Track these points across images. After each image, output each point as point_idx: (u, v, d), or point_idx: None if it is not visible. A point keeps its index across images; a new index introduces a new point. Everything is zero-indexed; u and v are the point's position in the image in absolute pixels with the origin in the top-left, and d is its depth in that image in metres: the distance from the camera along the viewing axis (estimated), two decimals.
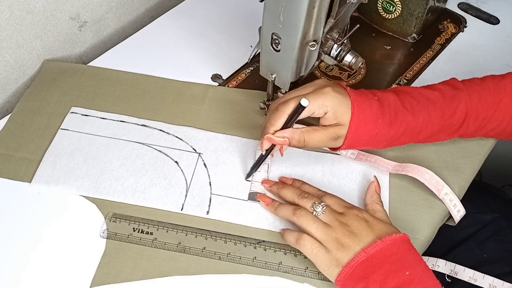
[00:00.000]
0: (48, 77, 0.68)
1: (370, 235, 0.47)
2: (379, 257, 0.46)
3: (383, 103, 0.52)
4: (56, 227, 0.54)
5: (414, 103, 0.53)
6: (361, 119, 0.51)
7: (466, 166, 0.59)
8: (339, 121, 0.51)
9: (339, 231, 0.48)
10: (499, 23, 0.77)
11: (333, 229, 0.48)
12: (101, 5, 0.73)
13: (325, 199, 0.52)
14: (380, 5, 0.73)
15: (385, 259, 0.46)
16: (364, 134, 0.52)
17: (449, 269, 0.57)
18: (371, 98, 0.52)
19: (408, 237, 0.49)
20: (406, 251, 0.47)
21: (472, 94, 0.54)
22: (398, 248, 0.47)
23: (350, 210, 0.50)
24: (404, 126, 0.53)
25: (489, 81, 0.55)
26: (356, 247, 0.47)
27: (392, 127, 0.52)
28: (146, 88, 0.67)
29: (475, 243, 0.71)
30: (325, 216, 0.49)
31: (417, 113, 0.53)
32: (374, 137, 0.52)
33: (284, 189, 0.54)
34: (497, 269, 0.64)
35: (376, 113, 0.51)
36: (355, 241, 0.47)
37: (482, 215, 0.73)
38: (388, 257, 0.46)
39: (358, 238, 0.47)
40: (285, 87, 0.56)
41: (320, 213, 0.49)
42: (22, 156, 0.59)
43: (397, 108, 0.52)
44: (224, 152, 0.60)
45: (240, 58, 0.71)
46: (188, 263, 0.52)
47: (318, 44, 0.50)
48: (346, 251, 0.47)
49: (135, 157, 0.59)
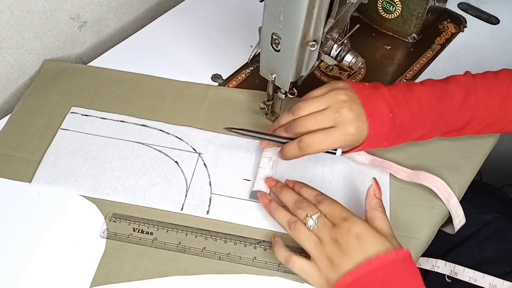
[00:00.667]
0: (48, 77, 0.68)
1: (358, 255, 0.45)
2: (366, 281, 0.44)
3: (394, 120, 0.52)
4: (56, 227, 0.54)
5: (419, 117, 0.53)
6: (375, 139, 0.52)
7: (466, 166, 0.59)
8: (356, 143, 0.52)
9: (330, 248, 0.46)
10: (499, 23, 0.77)
11: (324, 246, 0.46)
12: (101, 5, 0.73)
13: (321, 206, 0.50)
14: (380, 5, 0.73)
15: (373, 284, 0.44)
16: (376, 144, 0.53)
17: (449, 270, 0.57)
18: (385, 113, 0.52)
19: (405, 253, 0.46)
20: (398, 274, 0.44)
21: (480, 99, 0.53)
22: (386, 272, 0.44)
23: (343, 223, 0.47)
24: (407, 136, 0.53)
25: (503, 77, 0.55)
26: (344, 267, 0.45)
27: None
28: (146, 88, 0.67)
29: (475, 243, 0.71)
30: (317, 231, 0.48)
31: (419, 128, 0.53)
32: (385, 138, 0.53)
33: (283, 192, 0.54)
34: (497, 269, 0.64)
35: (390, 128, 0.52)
36: (344, 260, 0.45)
37: (482, 215, 0.73)
38: (376, 282, 0.44)
39: (347, 257, 0.45)
40: (285, 87, 0.56)
41: (312, 227, 0.48)
42: (22, 156, 0.59)
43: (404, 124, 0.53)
44: (224, 152, 0.60)
45: (240, 58, 0.71)
46: (188, 263, 0.52)
47: (318, 44, 0.50)
48: (335, 271, 0.45)
49: (135, 157, 0.59)
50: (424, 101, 0.52)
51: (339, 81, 0.54)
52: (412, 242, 0.54)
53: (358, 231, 0.46)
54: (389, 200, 0.56)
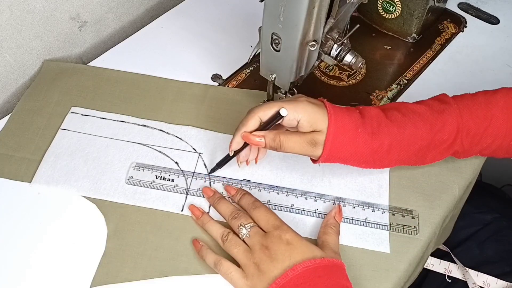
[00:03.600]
0: (48, 77, 0.68)
1: (286, 260, 0.45)
2: (291, 286, 0.44)
3: (364, 114, 0.50)
4: (56, 227, 0.54)
5: (399, 116, 0.50)
6: (339, 126, 0.48)
7: (466, 166, 0.59)
8: (315, 127, 0.49)
9: (258, 255, 0.46)
10: (499, 23, 0.77)
11: (253, 253, 0.47)
12: (101, 5, 0.73)
13: (256, 213, 0.50)
14: (380, 5, 0.73)
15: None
16: (345, 142, 0.49)
17: (444, 268, 0.57)
18: (350, 109, 0.51)
19: (336, 262, 0.46)
20: (321, 277, 0.44)
21: (462, 109, 0.51)
22: (309, 276, 0.44)
23: (275, 231, 0.47)
24: (390, 138, 0.49)
25: (481, 96, 0.52)
26: (271, 274, 0.45)
27: (376, 138, 0.49)
28: (146, 88, 0.67)
29: (475, 243, 0.71)
30: (249, 239, 0.48)
31: (403, 125, 0.50)
32: (357, 147, 0.49)
33: (220, 204, 0.53)
34: (497, 269, 0.64)
35: (355, 121, 0.49)
36: (271, 267, 0.45)
37: (482, 215, 0.74)
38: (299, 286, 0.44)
39: (274, 263, 0.45)
40: (285, 87, 0.56)
41: (246, 235, 0.48)
42: (22, 156, 0.59)
43: (380, 120, 0.50)
44: (224, 151, 0.60)
45: (240, 58, 0.71)
46: (188, 263, 0.52)
47: (318, 44, 0.50)
48: (262, 278, 0.45)
49: (135, 158, 0.59)
50: (395, 105, 0.52)
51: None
52: (412, 242, 0.54)
53: (289, 238, 0.46)
54: (389, 200, 0.56)
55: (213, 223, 0.52)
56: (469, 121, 0.50)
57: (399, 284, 0.51)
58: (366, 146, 0.49)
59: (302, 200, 0.56)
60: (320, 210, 0.55)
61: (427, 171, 0.57)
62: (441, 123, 0.50)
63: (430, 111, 0.51)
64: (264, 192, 0.56)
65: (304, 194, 0.56)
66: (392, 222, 0.54)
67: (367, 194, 0.57)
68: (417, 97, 0.63)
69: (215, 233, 0.51)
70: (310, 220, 0.54)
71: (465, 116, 0.50)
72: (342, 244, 0.53)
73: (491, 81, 0.69)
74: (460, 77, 0.70)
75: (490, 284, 0.55)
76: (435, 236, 0.56)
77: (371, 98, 0.67)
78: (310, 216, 0.55)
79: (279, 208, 0.55)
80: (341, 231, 0.53)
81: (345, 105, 0.64)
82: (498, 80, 0.69)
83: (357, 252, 0.53)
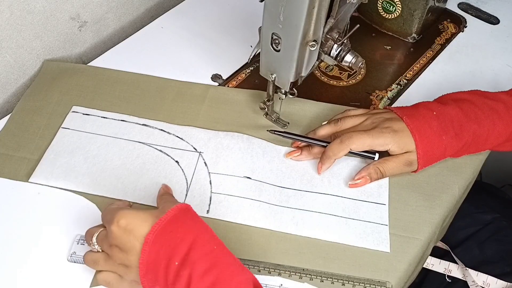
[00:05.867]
0: (48, 77, 0.68)
1: (135, 244, 0.44)
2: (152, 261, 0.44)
3: (443, 119, 0.55)
4: (56, 227, 0.54)
5: (478, 112, 0.55)
6: (425, 143, 0.54)
7: (466, 166, 0.59)
8: (406, 149, 0.54)
9: (116, 255, 0.45)
10: (499, 23, 0.77)
11: (112, 257, 0.46)
12: (101, 5, 0.73)
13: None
14: (380, 5, 0.73)
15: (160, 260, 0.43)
16: (434, 152, 0.55)
17: (443, 268, 0.57)
18: (428, 117, 0.55)
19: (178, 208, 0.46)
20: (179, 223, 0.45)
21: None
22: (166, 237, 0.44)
23: (111, 226, 0.45)
24: (472, 135, 0.55)
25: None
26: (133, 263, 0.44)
27: (460, 139, 0.54)
28: (146, 88, 0.67)
29: (475, 243, 0.71)
30: (102, 248, 0.47)
31: (482, 122, 0.55)
32: (444, 152, 0.55)
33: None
34: (497, 269, 0.64)
35: (437, 131, 0.54)
36: (129, 257, 0.44)
37: (482, 215, 0.73)
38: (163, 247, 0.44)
39: (129, 253, 0.44)
40: (285, 87, 0.56)
41: (97, 247, 0.47)
42: (22, 156, 0.59)
43: (461, 120, 0.55)
44: (225, 150, 0.60)
45: (240, 58, 0.71)
46: None
47: (318, 44, 0.50)
48: (131, 271, 0.45)
49: (135, 156, 0.59)
50: (473, 99, 0.56)
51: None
52: (412, 242, 0.54)
53: (124, 224, 0.45)
54: (389, 200, 0.56)
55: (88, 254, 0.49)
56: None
57: (399, 284, 0.51)
58: (452, 148, 0.55)
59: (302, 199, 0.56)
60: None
61: (427, 171, 0.57)
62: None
63: (505, 108, 0.55)
64: (266, 187, 0.56)
65: None
66: (391, 222, 0.54)
67: (367, 194, 0.57)
68: (417, 97, 0.63)
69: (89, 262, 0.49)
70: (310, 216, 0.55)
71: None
72: (342, 243, 0.53)
73: (491, 81, 0.69)
74: (460, 77, 0.70)
75: (490, 284, 0.55)
76: (435, 236, 0.56)
77: (371, 98, 0.67)
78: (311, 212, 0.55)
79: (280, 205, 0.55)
80: (341, 231, 0.53)
81: (345, 105, 0.65)
82: (498, 80, 0.69)
83: (357, 252, 0.53)
